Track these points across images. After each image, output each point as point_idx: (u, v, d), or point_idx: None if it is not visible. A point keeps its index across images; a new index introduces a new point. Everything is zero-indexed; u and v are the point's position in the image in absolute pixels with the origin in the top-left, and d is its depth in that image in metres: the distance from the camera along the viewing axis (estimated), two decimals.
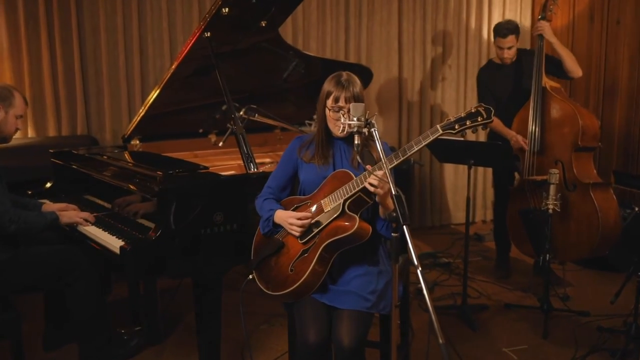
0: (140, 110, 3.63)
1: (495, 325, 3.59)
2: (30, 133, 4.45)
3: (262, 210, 2.45)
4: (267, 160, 3.87)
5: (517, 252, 4.24)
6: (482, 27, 5.73)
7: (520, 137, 3.97)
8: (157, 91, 3.46)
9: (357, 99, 2.31)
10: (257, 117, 3.35)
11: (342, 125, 2.17)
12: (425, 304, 3.81)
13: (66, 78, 4.48)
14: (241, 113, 3.31)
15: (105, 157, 3.39)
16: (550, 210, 3.40)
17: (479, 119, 2.09)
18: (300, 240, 2.30)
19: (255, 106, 3.38)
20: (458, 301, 3.88)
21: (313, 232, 2.27)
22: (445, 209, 5.90)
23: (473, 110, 2.12)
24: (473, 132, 2.21)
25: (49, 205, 3.10)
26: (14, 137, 4.25)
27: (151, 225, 2.69)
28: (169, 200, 2.53)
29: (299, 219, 2.28)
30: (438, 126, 2.13)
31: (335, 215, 2.23)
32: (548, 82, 3.95)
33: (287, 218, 2.31)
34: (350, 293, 2.25)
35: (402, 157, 2.14)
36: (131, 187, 2.82)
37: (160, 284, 3.41)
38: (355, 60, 5.27)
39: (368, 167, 2.17)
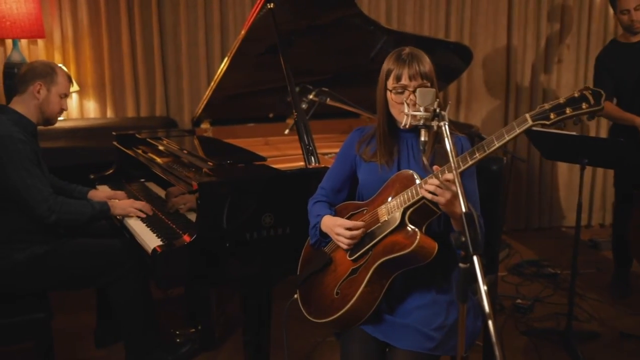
0: (209, 89, 3.36)
1: None
2: (109, 113, 4.31)
3: (310, 215, 2.06)
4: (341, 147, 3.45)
5: None
6: (608, 2, 4.94)
7: None
8: (225, 67, 3.16)
9: (424, 77, 1.85)
10: (328, 102, 2.93)
11: (404, 117, 1.70)
12: (523, 325, 3.29)
13: (145, 56, 4.28)
14: (311, 96, 2.92)
15: (165, 142, 3.12)
16: None
17: (584, 106, 1.57)
18: (349, 256, 1.87)
19: (327, 89, 2.97)
20: (562, 325, 3.28)
21: (365, 247, 1.83)
22: (557, 209, 5.21)
23: (576, 95, 1.59)
24: (575, 123, 1.67)
25: (95, 193, 2.87)
26: (92, 117, 4.32)
27: None
28: (207, 198, 2.19)
29: (348, 228, 1.86)
30: (527, 115, 1.62)
31: (393, 228, 1.78)
32: None
33: (334, 226, 1.90)
34: (410, 328, 1.80)
35: (479, 155, 1.67)
36: (171, 179, 2.51)
37: None
38: (456, 39, 4.69)
39: (435, 167, 1.71)
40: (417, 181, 1.77)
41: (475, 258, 1.40)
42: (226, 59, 3.16)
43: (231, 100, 3.50)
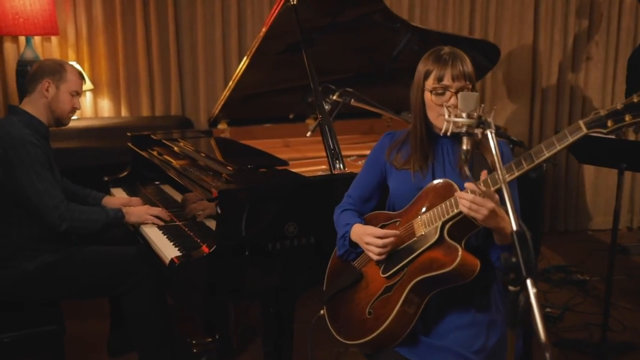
0: (227, 89, 3.25)
1: None
2: (124, 112, 4.21)
3: (338, 224, 1.92)
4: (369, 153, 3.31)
5: None
6: None
7: None
8: (244, 66, 3.06)
9: (468, 78, 1.72)
10: (353, 103, 2.79)
11: (445, 124, 1.56)
12: (553, 336, 3.13)
13: (161, 54, 4.16)
14: (334, 97, 2.78)
15: (182, 143, 3.00)
16: None
17: None
18: (383, 273, 1.74)
19: (351, 89, 2.83)
20: (595, 335, 3.13)
21: (399, 263, 1.69)
22: (583, 212, 5.04)
23: (635, 100, 1.44)
24: (636, 132, 1.54)
25: (109, 199, 2.76)
26: (106, 117, 4.22)
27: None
28: (228, 206, 2.06)
29: (380, 237, 1.72)
30: (581, 122, 1.48)
31: (431, 243, 1.65)
32: None
33: (364, 235, 1.76)
34: (449, 351, 1.66)
35: (527, 166, 1.53)
36: (189, 185, 2.39)
37: None
38: (481, 36, 4.54)
39: (484, 173, 1.58)
40: (457, 191, 1.64)
41: (529, 282, 1.27)
42: (245, 57, 3.04)
43: (249, 100, 3.38)
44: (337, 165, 2.35)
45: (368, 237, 1.74)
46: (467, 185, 1.57)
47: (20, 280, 2.35)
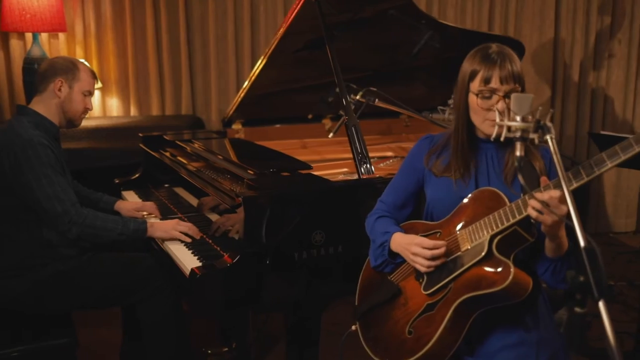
0: (243, 88, 3.13)
1: None
2: (133, 111, 4.09)
3: (373, 232, 1.79)
4: (389, 154, 3.19)
5: None
6: None
7: None
8: (261, 65, 2.94)
9: (517, 80, 1.59)
10: (377, 103, 2.66)
11: (496, 128, 1.43)
12: None
13: (171, 51, 4.05)
14: (358, 97, 2.65)
15: (196, 144, 2.88)
16: None
17: None
18: (425, 289, 1.61)
19: (375, 89, 2.70)
20: (626, 345, 3.00)
21: (443, 279, 1.57)
22: (603, 215, 4.91)
23: None
24: None
25: (122, 204, 2.63)
26: (115, 116, 4.10)
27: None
28: (252, 214, 1.93)
29: (428, 247, 1.59)
30: None
31: (479, 259, 1.52)
32: None
33: (410, 245, 1.63)
34: None
35: (586, 177, 1.41)
36: (209, 190, 2.26)
37: None
38: (500, 33, 4.42)
39: (543, 179, 1.45)
40: (507, 201, 1.51)
41: (601, 304, 1.14)
42: (263, 55, 2.91)
43: (264, 99, 3.26)
44: (366, 169, 2.21)
45: (415, 247, 1.60)
46: (544, 181, 1.45)
47: (29, 290, 2.23)
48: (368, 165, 2.22)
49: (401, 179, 1.83)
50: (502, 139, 1.40)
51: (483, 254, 1.51)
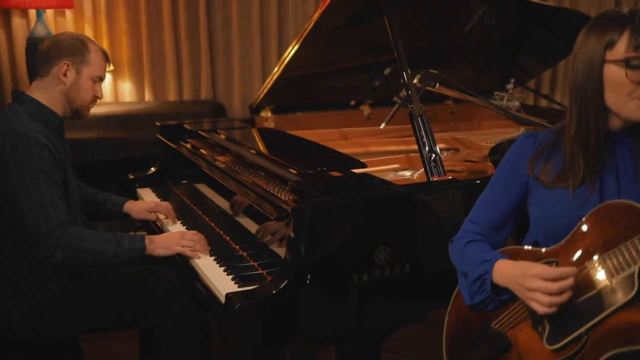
0: (274, 72, 2.79)
1: None
2: (148, 97, 3.79)
3: (464, 262, 1.39)
4: (441, 146, 2.77)
5: None
6: None
7: None
8: (296, 46, 2.61)
9: None
10: (437, 88, 2.26)
11: None
12: None
13: (189, 30, 3.74)
14: (415, 81, 2.25)
15: (222, 136, 2.50)
16: None
17: None
18: (548, 342, 1.20)
19: (435, 71, 2.29)
20: None
21: (575, 328, 1.16)
22: None
23: None
24: None
25: (132, 205, 2.25)
26: (128, 102, 3.75)
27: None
28: (304, 227, 1.53)
29: (551, 279, 1.19)
30: None
31: (627, 300, 1.12)
32: None
33: (525, 278, 1.22)
34: None
35: None
36: (247, 196, 1.87)
37: None
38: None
39: None
40: None
41: None
42: (300, 34, 2.54)
43: (296, 83, 2.90)
44: (437, 171, 1.80)
45: (534, 280, 1.19)
46: None
47: (28, 313, 1.85)
48: (440, 166, 1.80)
49: (499, 190, 1.42)
50: None
51: (634, 292, 1.11)
